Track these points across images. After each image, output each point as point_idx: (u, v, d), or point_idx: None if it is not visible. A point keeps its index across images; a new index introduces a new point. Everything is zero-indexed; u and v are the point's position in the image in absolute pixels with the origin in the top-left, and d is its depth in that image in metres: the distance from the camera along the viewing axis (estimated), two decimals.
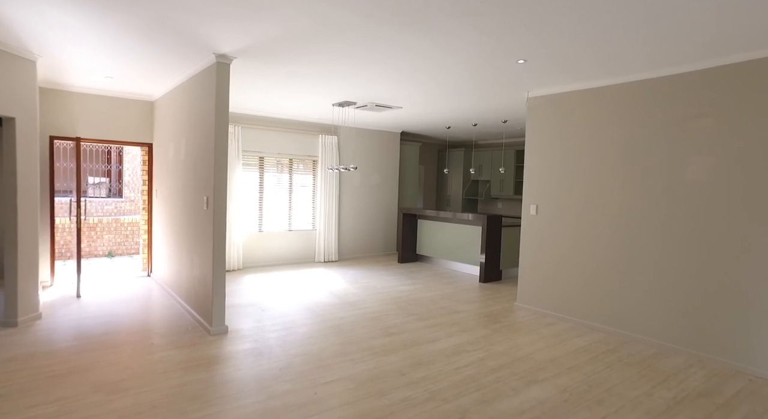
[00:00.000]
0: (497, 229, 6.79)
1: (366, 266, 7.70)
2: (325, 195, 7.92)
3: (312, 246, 7.97)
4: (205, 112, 4.19)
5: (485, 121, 7.37)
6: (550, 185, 4.94)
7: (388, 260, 8.45)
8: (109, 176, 11.76)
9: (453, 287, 6.28)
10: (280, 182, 7.59)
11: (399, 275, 7.08)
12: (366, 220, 8.67)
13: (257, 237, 7.33)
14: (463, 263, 7.41)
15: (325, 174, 7.91)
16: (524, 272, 5.21)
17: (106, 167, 11.73)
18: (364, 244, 8.68)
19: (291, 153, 7.60)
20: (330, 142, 7.93)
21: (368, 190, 8.66)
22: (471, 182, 10.52)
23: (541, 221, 5.01)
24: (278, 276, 6.69)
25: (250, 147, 7.15)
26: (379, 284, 6.37)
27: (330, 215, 8.01)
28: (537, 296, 5.06)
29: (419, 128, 8.63)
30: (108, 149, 11.78)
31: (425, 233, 8.10)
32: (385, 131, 8.85)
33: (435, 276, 7.03)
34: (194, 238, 4.53)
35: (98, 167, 11.40)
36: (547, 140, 4.96)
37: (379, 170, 8.81)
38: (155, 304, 5.00)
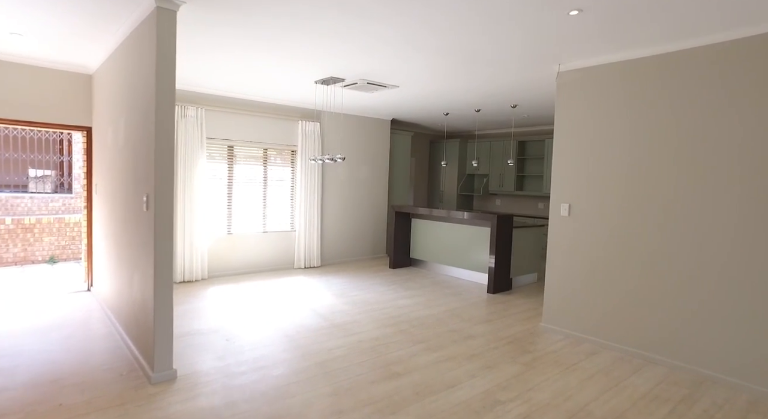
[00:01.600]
0: (508, 230, 5.84)
1: (354, 274, 6.67)
2: (305, 191, 6.85)
3: (291, 250, 6.90)
4: (145, 80, 3.08)
5: (492, 105, 6.40)
6: (587, 179, 4.00)
7: (378, 265, 7.44)
8: (61, 168, 10.40)
9: (459, 301, 5.31)
10: (253, 175, 6.48)
11: (393, 284, 6.08)
12: (352, 219, 7.63)
13: (226, 241, 6.22)
14: (466, 269, 6.46)
15: (306, 167, 6.83)
16: (552, 285, 4.27)
17: (58, 158, 10.37)
18: (350, 247, 7.64)
19: (266, 142, 6.50)
20: (311, 129, 6.85)
21: (355, 185, 7.62)
22: (467, 177, 9.58)
23: (575, 224, 4.07)
24: (250, 288, 5.60)
25: (217, 134, 6.02)
26: (372, 297, 5.36)
27: (311, 214, 6.95)
28: (568, 314, 4.13)
29: (413, 115, 7.62)
30: (60, 138, 10.42)
31: (421, 234, 7.11)
32: (375, 118, 7.81)
33: (435, 286, 6.06)
34: (134, 248, 3.42)
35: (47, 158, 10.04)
36: (584, 124, 4.01)
37: (368, 163, 7.77)
38: (86, 334, 3.88)
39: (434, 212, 6.54)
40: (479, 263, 6.23)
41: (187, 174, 5.65)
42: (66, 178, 9.96)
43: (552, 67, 4.22)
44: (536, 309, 5.05)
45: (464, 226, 6.42)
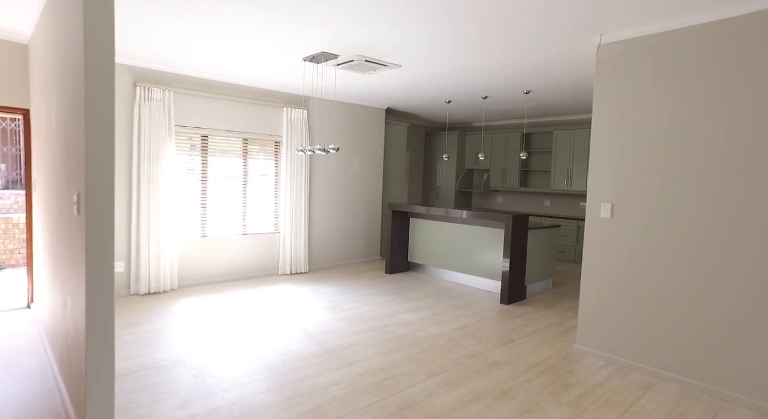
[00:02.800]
0: (523, 232, 5.15)
1: (346, 281, 5.91)
2: (291, 187, 6.06)
3: (275, 254, 6.10)
4: (74, 42, 2.26)
5: (502, 91, 5.68)
6: (635, 174, 3.30)
7: (373, 270, 6.69)
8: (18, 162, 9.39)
9: (471, 314, 4.60)
10: (231, 170, 5.66)
11: (392, 293, 5.33)
12: (343, 219, 6.86)
13: (199, 245, 5.39)
14: (474, 275, 5.75)
15: (292, 160, 6.03)
16: (588, 299, 3.58)
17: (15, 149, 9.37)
18: (341, 249, 6.87)
19: (246, 131, 5.67)
20: (298, 117, 6.05)
21: (346, 180, 6.84)
22: (465, 172, 8.88)
23: (619, 227, 3.38)
24: (228, 300, 4.80)
25: (188, 121, 5.18)
26: (370, 311, 4.61)
27: (298, 213, 6.16)
28: (610, 335, 3.44)
29: (411, 104, 6.86)
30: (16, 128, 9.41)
31: (421, 235, 6.38)
32: (368, 107, 7.03)
33: (439, 295, 5.33)
34: (66, 262, 2.60)
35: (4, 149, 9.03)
36: (630, 108, 3.31)
37: (360, 156, 7.00)
38: (9, 371, 3.05)
39: (437, 211, 5.80)
40: (489, 268, 5.53)
41: (153, 168, 4.81)
42: (20, 172, 8.98)
43: (591, 39, 3.51)
44: (561, 324, 4.36)
45: (472, 227, 5.71)
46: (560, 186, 7.40)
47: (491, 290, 5.60)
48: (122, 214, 4.76)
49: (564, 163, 7.35)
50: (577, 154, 7.17)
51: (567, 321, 4.47)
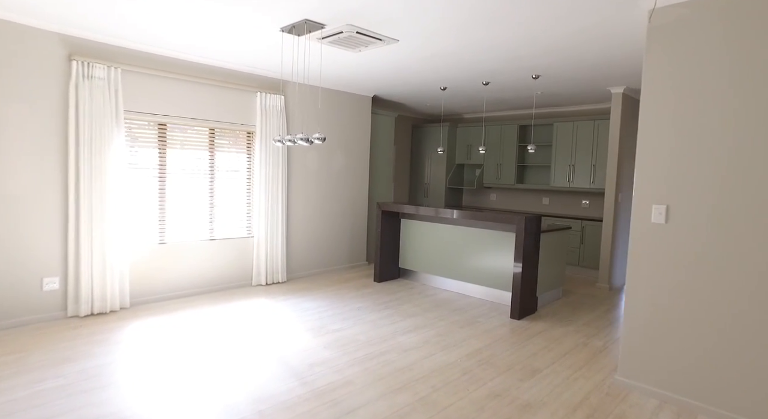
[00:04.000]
0: (536, 236, 4.51)
1: (331, 292, 5.16)
2: (266, 185, 5.26)
3: (248, 262, 5.29)
4: None
5: (508, 74, 5.02)
6: (698, 169, 2.67)
7: (360, 277, 5.96)
8: None
9: (480, 334, 3.93)
10: (196, 164, 4.82)
11: (385, 308, 4.62)
12: (326, 219, 6.09)
13: (157, 254, 4.54)
14: (476, 284, 5.09)
15: (268, 153, 5.23)
16: (634, 324, 2.95)
17: None
18: (323, 254, 6.11)
19: (212, 119, 4.84)
20: (273, 104, 5.24)
21: (329, 176, 6.08)
22: (456, 167, 8.23)
23: (676, 235, 2.75)
24: (190, 322, 3.99)
25: (142, 106, 4.32)
26: (363, 332, 3.88)
27: (274, 215, 5.37)
28: (666, 369, 2.81)
29: (400, 91, 6.14)
30: None
31: (414, 239, 5.68)
32: (353, 94, 6.27)
33: (439, 309, 4.65)
34: None
35: None
36: (691, 89, 2.68)
37: (344, 149, 6.24)
38: None
39: (433, 211, 5.11)
40: (494, 277, 4.87)
41: (96, 161, 3.94)
42: None
43: (642, 1, 2.86)
44: (587, 345, 3.74)
45: (475, 230, 5.04)
46: (561, 183, 6.82)
47: (496, 300, 4.95)
48: (55, 217, 3.87)
49: (565, 158, 6.77)
50: (580, 148, 6.59)
51: (592, 341, 3.85)
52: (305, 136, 3.43)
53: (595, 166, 6.47)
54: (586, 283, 6.02)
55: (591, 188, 6.51)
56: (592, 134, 6.49)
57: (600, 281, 5.76)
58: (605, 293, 5.50)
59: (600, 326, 4.26)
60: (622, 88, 5.44)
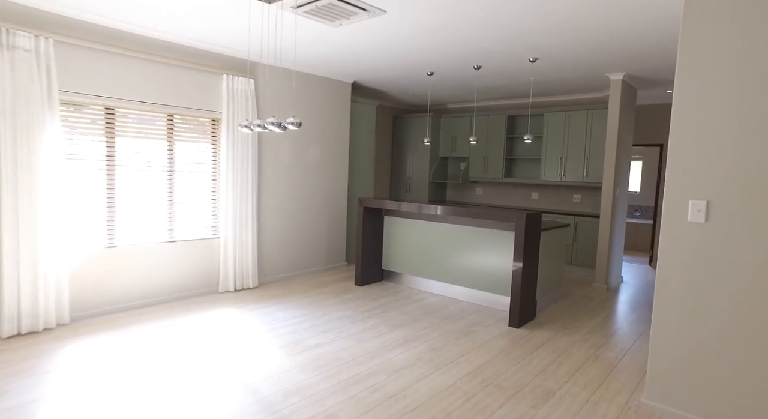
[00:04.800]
0: (536, 235, 4.08)
1: (308, 299, 4.63)
2: (234, 179, 4.67)
3: (213, 266, 4.70)
4: None
5: (502, 57, 4.56)
6: (746, 159, 2.26)
7: (340, 279, 5.44)
8: None
9: (479, 346, 3.48)
10: (152, 156, 4.20)
11: (369, 316, 4.12)
12: (301, 217, 5.54)
13: (105, 259, 3.92)
14: (468, 287, 4.65)
15: (236, 143, 4.64)
16: (664, 340, 2.53)
17: None
18: (299, 255, 5.56)
19: (171, 104, 4.23)
20: (242, 88, 4.65)
21: (305, 170, 5.52)
22: (440, 161, 7.77)
23: (719, 237, 2.34)
24: (140, 341, 3.40)
25: (83, 86, 3.67)
26: (346, 348, 3.37)
27: (244, 212, 4.79)
28: (704, 392, 2.41)
29: (383, 76, 5.62)
30: None
31: (399, 238, 5.19)
32: (331, 80, 5.72)
33: (430, 317, 4.18)
34: None
35: None
36: (745, 62, 2.26)
37: (322, 140, 5.69)
38: None
39: (419, 208, 4.62)
40: (489, 280, 4.44)
41: (21, 152, 3.29)
42: None
43: None
44: (598, 358, 3.33)
45: (467, 228, 4.59)
46: (552, 177, 6.44)
47: (491, 305, 4.52)
48: None
49: (556, 150, 6.39)
50: (573, 140, 6.22)
51: (603, 352, 3.45)
52: (277, 120, 2.88)
53: (589, 159, 6.11)
54: (581, 283, 5.65)
55: (584, 183, 6.15)
56: (585, 124, 6.12)
57: (597, 281, 5.40)
58: (603, 295, 5.14)
59: (606, 333, 3.87)
60: (621, 74, 5.06)
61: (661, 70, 4.82)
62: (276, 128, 2.88)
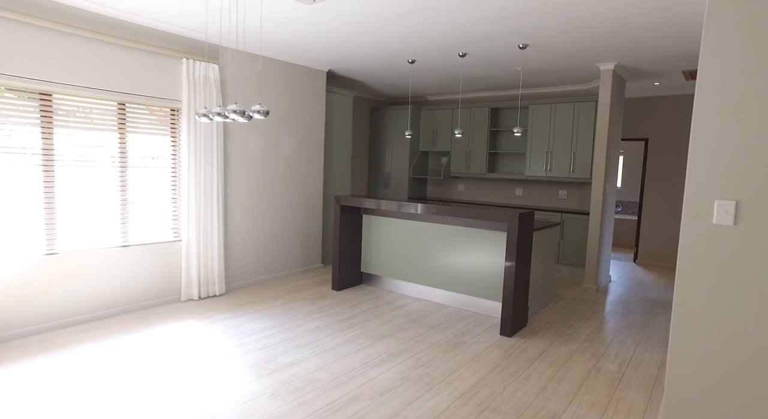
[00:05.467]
0: (529, 235, 3.78)
1: (281, 307, 4.22)
2: (197, 175, 4.21)
3: (174, 273, 4.24)
4: None
5: (489, 44, 4.23)
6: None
7: (315, 283, 5.04)
8: None
9: (471, 360, 3.15)
10: (100, 150, 3.70)
11: (348, 326, 3.75)
12: (273, 216, 5.11)
13: (43, 268, 3.42)
14: (454, 291, 4.33)
15: (198, 136, 4.18)
16: (685, 358, 2.24)
17: None
18: (271, 257, 5.13)
19: (123, 90, 3.73)
20: (204, 74, 4.18)
21: (277, 165, 5.09)
22: (420, 155, 7.43)
23: (749, 241, 2.05)
24: (83, 364, 2.94)
25: (12, 68, 3.15)
26: (323, 366, 3.00)
27: (209, 212, 4.34)
28: (729, 414, 2.13)
29: (360, 64, 5.22)
30: None
31: (380, 239, 4.83)
32: (304, 67, 5.28)
33: (414, 325, 3.84)
34: None
35: None
36: None
37: (295, 133, 5.26)
38: None
39: (401, 206, 4.26)
40: (477, 284, 4.12)
41: None
42: None
43: None
44: (600, 370, 3.05)
45: (454, 228, 4.26)
46: (538, 172, 6.18)
47: (479, 311, 4.21)
48: None
49: (542, 144, 6.13)
50: (559, 133, 5.97)
51: (604, 364, 3.17)
52: (240, 108, 2.46)
53: (576, 153, 5.87)
54: (570, 283, 5.42)
55: (571, 178, 5.91)
56: (572, 117, 5.87)
57: (586, 282, 5.17)
58: (594, 296, 4.91)
59: (604, 341, 3.61)
60: (612, 64, 4.80)
61: (654, 60, 4.58)
62: (239, 117, 2.46)
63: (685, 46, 4.03)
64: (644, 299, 4.89)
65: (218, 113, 2.54)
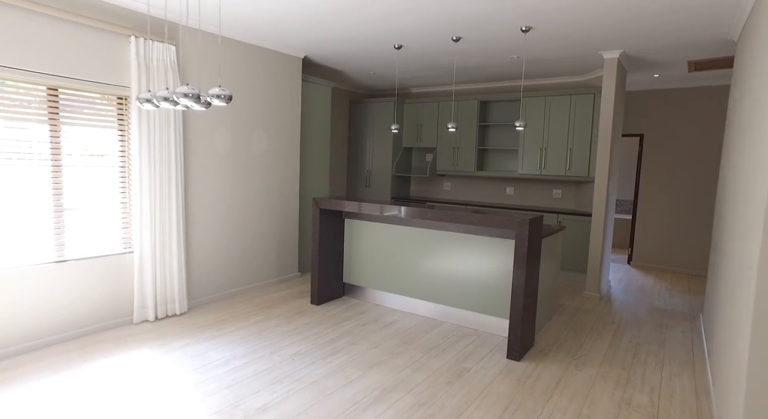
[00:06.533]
0: (538, 244, 3.32)
1: (252, 328, 3.65)
2: (153, 175, 3.58)
3: (125, 290, 3.60)
4: None
5: (491, 24, 3.74)
6: None
7: (292, 296, 4.47)
8: None
9: (480, 394, 2.67)
10: (26, 145, 3.04)
11: (332, 352, 3.21)
12: (244, 221, 4.51)
13: None
14: (450, 306, 3.84)
15: (153, 129, 3.54)
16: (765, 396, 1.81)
17: None
18: (241, 267, 4.53)
19: (53, 72, 3.07)
20: (158, 57, 3.54)
21: (248, 163, 4.48)
22: (403, 151, 6.92)
23: None
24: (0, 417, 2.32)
25: None
26: (303, 411, 2.45)
27: (166, 218, 3.72)
28: None
29: (340, 51, 4.65)
30: None
31: (364, 246, 4.30)
32: (278, 52, 4.68)
33: (408, 348, 3.34)
34: None
35: None
36: None
37: (268, 127, 4.66)
38: None
39: (389, 209, 3.74)
40: (477, 297, 3.65)
41: None
42: None
43: None
44: (631, 403, 2.62)
45: (449, 234, 3.77)
46: (531, 170, 5.76)
47: (478, 327, 3.74)
48: None
49: (536, 140, 5.71)
50: (554, 129, 5.56)
51: (633, 394, 2.74)
52: (194, 91, 1.88)
53: (572, 150, 5.46)
54: (570, 291, 5.01)
55: (567, 177, 5.50)
56: (568, 111, 5.46)
57: (588, 289, 4.77)
58: (598, 305, 4.51)
59: (623, 362, 3.19)
60: (617, 52, 4.39)
61: (662, 49, 4.19)
62: (194, 103, 1.89)
63: (697, 33, 3.64)
64: (651, 307, 4.52)
65: (165, 97, 1.96)
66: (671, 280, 5.70)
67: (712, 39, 3.84)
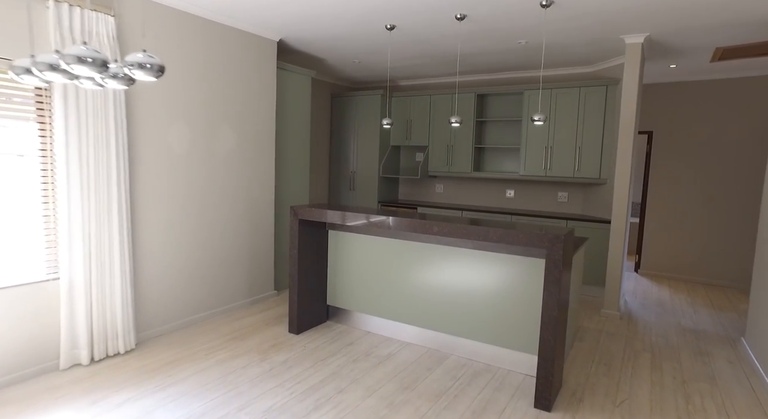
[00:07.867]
0: (569, 264, 2.69)
1: (215, 370, 2.92)
2: (83, 181, 2.82)
3: (50, 326, 2.83)
4: None
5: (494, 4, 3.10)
6: None
7: (265, 323, 3.75)
8: None
9: None
10: None
11: (315, 404, 2.52)
12: (206, 234, 3.76)
13: None
14: (458, 336, 3.20)
15: (83, 122, 2.78)
16: None
17: None
18: (204, 289, 3.79)
19: None
20: (91, 29, 2.78)
21: (210, 164, 3.74)
22: (391, 150, 6.25)
23: None
24: None
25: None
26: None
27: (105, 234, 2.96)
28: None
29: (322, 34, 3.95)
30: None
31: (352, 264, 3.61)
32: (248, 34, 3.94)
33: (413, 396, 2.67)
34: None
35: None
36: None
37: (236, 121, 3.92)
38: None
39: (381, 220, 3.06)
40: (491, 327, 3.01)
41: None
42: None
43: None
44: None
45: (458, 250, 3.11)
46: (535, 171, 5.17)
47: (492, 362, 3.10)
48: None
49: (540, 138, 5.11)
50: (561, 125, 4.97)
51: None
52: (98, 56, 1.17)
53: (581, 148, 4.89)
54: (586, 307, 4.43)
55: (575, 178, 4.93)
56: (577, 105, 4.88)
57: (607, 307, 4.19)
58: (620, 326, 3.94)
59: (679, 410, 2.59)
60: (642, 36, 3.82)
61: (692, 32, 3.63)
62: (94, 71, 1.17)
63: (739, 10, 3.08)
64: (679, 328, 3.97)
65: (51, 64, 1.23)
66: (687, 291, 5.18)
67: (752, 19, 3.28)
